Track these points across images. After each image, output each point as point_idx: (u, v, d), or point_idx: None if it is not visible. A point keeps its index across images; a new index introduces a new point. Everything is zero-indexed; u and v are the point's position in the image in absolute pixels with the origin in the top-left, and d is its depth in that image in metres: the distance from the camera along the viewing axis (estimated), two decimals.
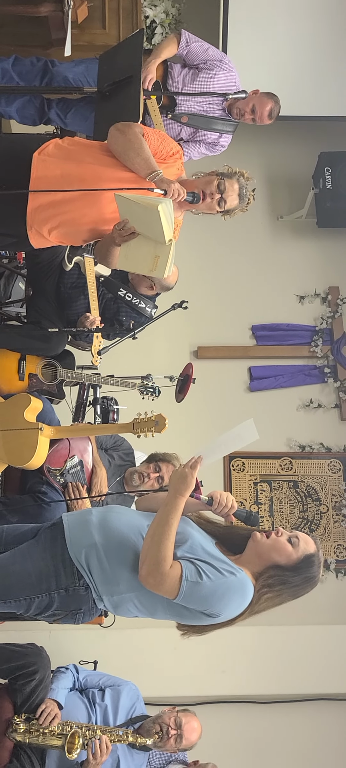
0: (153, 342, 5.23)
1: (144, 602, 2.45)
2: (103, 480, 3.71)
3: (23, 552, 2.56)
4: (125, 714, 3.69)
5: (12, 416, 3.29)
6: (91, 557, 2.44)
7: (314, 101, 6.04)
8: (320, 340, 6.24)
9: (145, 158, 2.94)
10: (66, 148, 3.06)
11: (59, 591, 2.48)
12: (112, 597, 2.45)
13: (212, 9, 5.67)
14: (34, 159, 2.97)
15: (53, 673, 3.74)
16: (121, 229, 2.86)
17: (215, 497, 2.50)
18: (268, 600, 2.40)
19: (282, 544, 2.42)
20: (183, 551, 2.37)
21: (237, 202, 3.19)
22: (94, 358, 3.74)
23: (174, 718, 3.56)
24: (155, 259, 2.85)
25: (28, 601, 2.51)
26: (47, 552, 2.51)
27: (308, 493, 5.95)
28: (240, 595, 2.34)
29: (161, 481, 3.75)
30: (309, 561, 2.42)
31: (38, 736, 3.35)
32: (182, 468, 2.46)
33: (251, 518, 2.53)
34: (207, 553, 2.39)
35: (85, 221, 3.03)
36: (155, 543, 2.32)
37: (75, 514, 2.66)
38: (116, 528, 2.49)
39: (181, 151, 3.25)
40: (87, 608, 2.53)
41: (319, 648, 5.17)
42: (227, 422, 5.81)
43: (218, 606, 2.32)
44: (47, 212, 2.99)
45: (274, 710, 5.09)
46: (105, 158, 3.03)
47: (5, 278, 4.71)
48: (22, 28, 4.63)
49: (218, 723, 4.78)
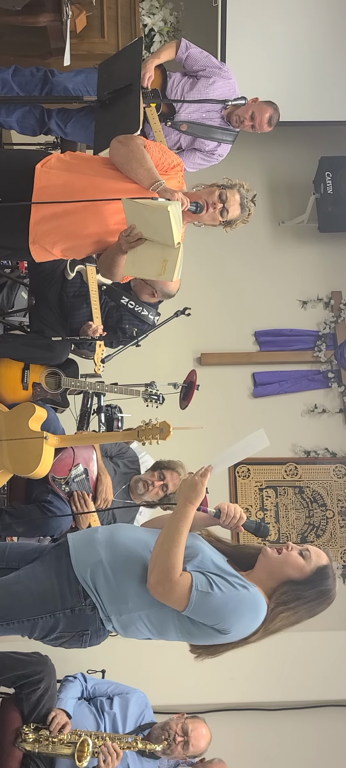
0: (156, 349, 5.22)
1: (154, 621, 2.38)
2: (109, 488, 3.71)
3: (27, 572, 2.51)
4: (134, 722, 3.67)
5: (16, 426, 3.29)
6: (98, 575, 2.39)
7: (314, 106, 6.06)
8: (324, 344, 6.24)
9: (148, 168, 2.94)
10: (68, 161, 3.08)
11: (64, 611, 2.42)
12: (120, 616, 2.39)
13: (210, 17, 5.69)
14: (37, 171, 2.98)
15: (61, 683, 3.73)
16: (128, 235, 2.86)
17: (222, 509, 2.45)
18: (284, 619, 2.33)
19: (294, 558, 2.37)
20: (194, 565, 2.33)
21: (239, 212, 3.20)
22: (98, 366, 3.74)
23: (181, 725, 3.54)
24: (163, 262, 2.82)
25: (32, 623, 2.45)
26: (52, 571, 2.46)
27: (313, 499, 5.93)
28: (253, 610, 2.28)
29: (166, 489, 3.74)
30: (323, 573, 2.37)
31: (48, 745, 3.33)
32: (192, 477, 2.41)
33: (261, 529, 2.49)
34: (218, 567, 2.35)
35: (89, 233, 3.03)
36: (165, 550, 2.29)
37: (80, 533, 2.61)
38: (123, 543, 2.45)
39: (182, 164, 3.26)
40: (94, 629, 2.45)
41: (326, 654, 5.14)
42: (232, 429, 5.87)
43: (230, 620, 2.26)
44: (50, 224, 2.99)
45: (282, 717, 5.06)
46: (107, 170, 3.03)
47: (8, 288, 4.71)
48: (22, 38, 4.65)
49: (227, 730, 4.74)
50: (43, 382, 3.86)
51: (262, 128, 4.32)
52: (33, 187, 2.96)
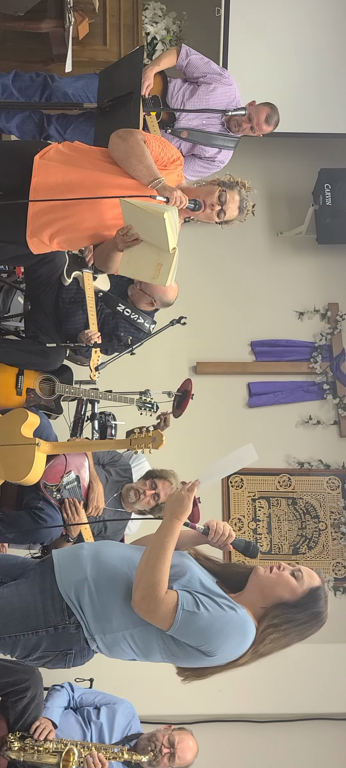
0: (152, 357, 5.22)
1: (138, 641, 2.31)
2: (100, 496, 3.69)
3: (11, 589, 2.44)
4: (121, 732, 3.66)
5: (9, 431, 3.27)
6: (83, 593, 2.32)
7: (314, 118, 6.07)
8: (320, 356, 6.24)
9: (147, 165, 2.94)
10: (66, 153, 3.07)
11: (48, 629, 2.34)
12: (104, 636, 2.32)
13: (213, 27, 5.70)
14: (35, 162, 2.98)
15: (48, 691, 3.72)
16: (125, 234, 2.85)
17: (211, 526, 2.42)
18: (274, 641, 2.27)
19: (286, 579, 2.31)
20: (181, 584, 2.26)
21: (236, 213, 3.19)
22: (93, 373, 3.73)
23: (168, 736, 3.52)
24: (158, 266, 2.83)
25: (14, 640, 2.37)
26: (36, 587, 2.40)
27: (306, 510, 5.93)
28: (240, 633, 2.22)
29: (157, 498, 3.73)
30: (315, 595, 2.31)
31: (33, 754, 3.31)
32: (178, 491, 2.35)
33: (250, 549, 2.45)
34: (206, 587, 2.29)
35: (86, 227, 3.03)
36: (150, 567, 2.22)
37: (66, 550, 2.55)
38: (108, 560, 2.39)
39: (181, 158, 3.26)
40: (78, 649, 2.37)
41: (317, 666, 5.13)
42: (226, 438, 5.85)
43: (216, 642, 2.19)
44: (48, 217, 2.99)
45: (271, 729, 5.05)
46: (106, 165, 3.03)
47: (4, 293, 4.70)
48: (24, 43, 4.66)
49: (215, 742, 4.74)
50: (37, 388, 3.85)
51: (261, 128, 4.31)
52: (31, 179, 2.95)
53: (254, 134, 4.36)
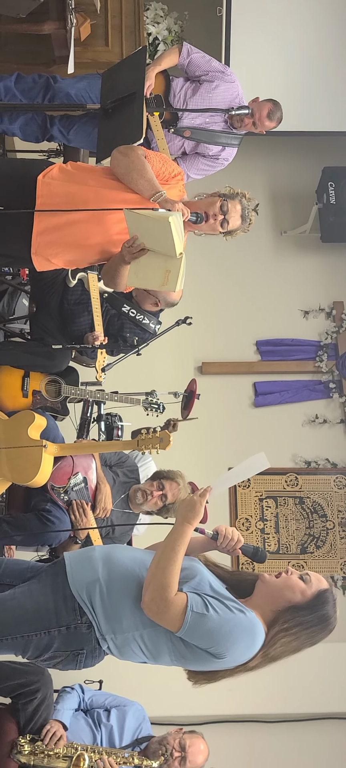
0: (157, 358, 5.20)
1: (148, 642, 2.33)
2: (108, 497, 3.69)
3: (23, 590, 2.46)
4: (131, 735, 3.64)
5: (16, 434, 3.27)
6: (94, 593, 2.34)
7: (317, 116, 6.07)
8: (325, 355, 6.22)
9: (149, 179, 2.96)
10: (70, 171, 3.09)
11: (60, 629, 2.36)
12: (115, 636, 2.34)
13: (214, 27, 5.69)
14: (39, 182, 3.00)
15: (58, 693, 3.71)
16: (131, 246, 2.85)
17: (220, 531, 2.43)
18: (284, 644, 2.28)
19: (294, 582, 2.32)
20: (190, 587, 2.29)
21: (239, 222, 3.21)
22: (99, 374, 3.73)
23: (179, 740, 3.50)
24: (166, 273, 2.82)
25: (26, 640, 2.39)
26: (47, 588, 2.42)
27: (314, 509, 5.91)
28: (248, 635, 2.24)
29: (165, 499, 3.72)
30: (323, 597, 2.32)
31: (43, 758, 3.29)
32: (190, 496, 2.38)
33: (258, 554, 2.47)
34: (215, 590, 2.31)
35: (91, 243, 3.04)
36: (160, 569, 2.25)
37: (77, 552, 2.58)
38: (119, 562, 2.42)
39: (182, 173, 3.27)
40: (90, 649, 2.39)
41: (327, 666, 5.11)
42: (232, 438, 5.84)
43: (225, 644, 2.22)
44: (52, 235, 3.00)
45: (282, 729, 5.03)
46: (109, 181, 3.05)
47: (9, 295, 4.70)
48: (26, 45, 4.65)
49: (225, 742, 4.72)
50: (44, 390, 3.84)
51: (263, 124, 4.28)
52: (35, 198, 2.98)
53: (256, 130, 4.34)
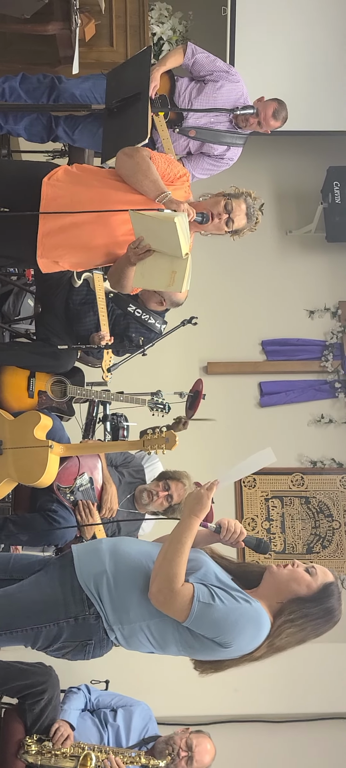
0: (163, 358, 5.20)
1: (155, 632, 2.38)
2: (114, 497, 3.69)
3: (31, 582, 2.50)
4: (138, 735, 3.64)
5: (22, 434, 3.27)
6: (101, 584, 2.39)
7: (322, 115, 6.06)
8: (331, 354, 6.22)
9: (154, 180, 2.96)
10: (75, 173, 3.10)
11: (68, 620, 2.40)
12: (122, 627, 2.39)
13: (219, 26, 5.70)
14: (44, 184, 3.01)
15: (65, 693, 3.71)
16: (137, 247, 2.85)
17: (223, 524, 2.46)
18: (290, 635, 2.32)
19: (300, 574, 2.36)
20: (196, 578, 2.33)
21: (245, 222, 3.20)
22: (105, 374, 3.73)
23: (185, 739, 3.51)
24: (172, 274, 2.82)
25: (36, 632, 2.43)
26: (56, 581, 2.46)
27: (320, 509, 5.90)
28: (254, 624, 2.27)
29: (170, 500, 3.72)
30: (328, 590, 2.36)
31: (50, 758, 3.30)
32: (197, 490, 2.42)
33: (261, 546, 2.50)
34: (221, 581, 2.35)
35: (97, 245, 3.05)
36: (167, 560, 2.29)
37: (85, 544, 2.63)
38: (127, 553, 2.46)
39: (188, 174, 3.27)
40: (97, 639, 2.43)
41: (334, 666, 5.10)
42: (238, 438, 5.83)
43: (231, 633, 2.25)
44: (58, 237, 3.01)
45: (287, 729, 5.02)
46: (114, 182, 3.05)
47: (14, 295, 4.71)
48: (30, 46, 4.65)
49: (231, 742, 4.71)
50: (49, 391, 3.84)
51: (268, 123, 4.29)
52: (40, 201, 2.99)
53: (261, 130, 4.34)
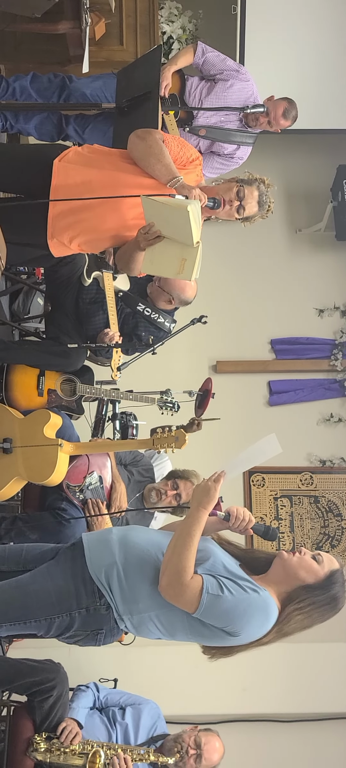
0: (172, 357, 5.21)
1: (164, 621, 2.43)
2: (123, 496, 3.69)
3: (43, 572, 2.54)
4: (146, 733, 3.65)
5: (31, 433, 3.28)
6: (112, 575, 2.43)
7: (332, 114, 6.03)
8: (340, 353, 6.19)
9: (166, 164, 2.95)
10: (86, 155, 3.09)
11: (80, 611, 2.46)
12: (132, 617, 2.43)
13: (229, 25, 5.68)
14: (55, 165, 3.00)
15: (74, 691, 3.71)
16: (147, 232, 2.84)
17: (232, 512, 2.50)
18: (298, 621, 2.37)
19: (308, 562, 2.41)
20: (205, 568, 2.36)
21: (256, 209, 3.20)
22: (114, 373, 3.73)
23: (194, 737, 3.51)
24: (182, 261, 2.81)
25: (49, 622, 2.49)
26: (67, 572, 2.50)
27: (329, 509, 5.89)
28: (262, 613, 2.32)
29: (179, 499, 3.72)
30: (333, 578, 2.40)
31: (59, 756, 3.31)
32: (205, 481, 2.45)
33: (269, 533, 2.54)
34: (229, 570, 2.38)
35: (107, 227, 3.04)
36: (176, 554, 2.32)
37: (95, 534, 2.66)
38: (136, 544, 2.49)
39: (200, 158, 3.26)
40: (108, 628, 2.48)
41: (341, 665, 5.10)
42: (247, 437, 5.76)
43: (240, 623, 2.29)
44: (68, 219, 3.00)
45: (296, 729, 5.02)
46: (125, 165, 3.04)
47: (24, 294, 4.72)
48: (41, 45, 4.67)
49: (240, 741, 4.72)
50: (59, 389, 3.85)
51: (278, 122, 4.29)
52: (51, 182, 2.97)
53: (271, 129, 4.34)
